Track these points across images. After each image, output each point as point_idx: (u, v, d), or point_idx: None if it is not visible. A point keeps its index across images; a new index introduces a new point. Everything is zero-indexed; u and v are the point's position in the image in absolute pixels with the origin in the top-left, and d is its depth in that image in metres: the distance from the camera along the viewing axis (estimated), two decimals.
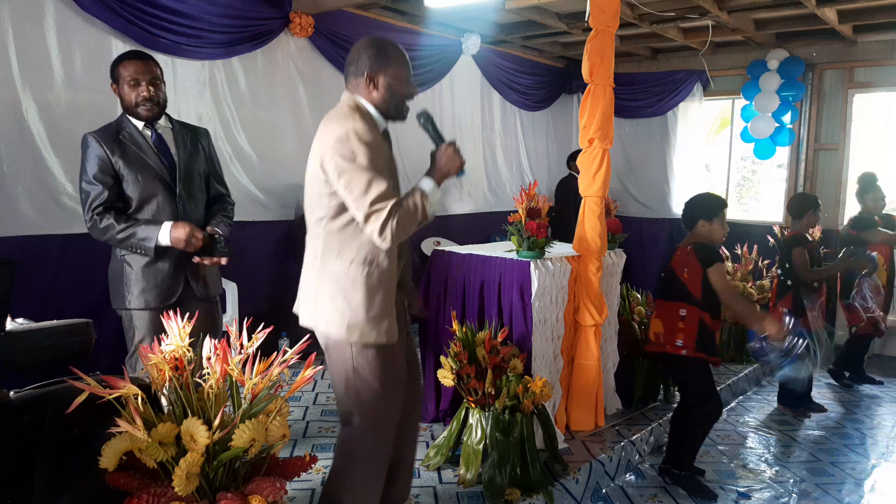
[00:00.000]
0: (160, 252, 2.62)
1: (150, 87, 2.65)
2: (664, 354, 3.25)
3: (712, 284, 3.12)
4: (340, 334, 2.16)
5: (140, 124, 2.71)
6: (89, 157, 2.62)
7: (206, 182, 2.88)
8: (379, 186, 2.05)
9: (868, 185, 4.87)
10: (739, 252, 5.62)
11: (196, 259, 2.67)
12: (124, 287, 2.67)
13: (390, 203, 2.06)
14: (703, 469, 3.50)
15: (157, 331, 2.49)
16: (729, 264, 5.42)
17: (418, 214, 2.13)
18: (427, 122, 2.30)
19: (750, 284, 5.32)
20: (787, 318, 3.14)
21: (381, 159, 2.11)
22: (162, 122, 2.77)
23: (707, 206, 3.24)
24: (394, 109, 2.23)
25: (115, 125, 2.70)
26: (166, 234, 2.57)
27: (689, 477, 3.34)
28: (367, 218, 2.06)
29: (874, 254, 4.51)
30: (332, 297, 2.17)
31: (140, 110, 2.66)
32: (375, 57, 2.17)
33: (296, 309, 2.33)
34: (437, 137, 2.29)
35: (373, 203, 2.05)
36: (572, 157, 6.55)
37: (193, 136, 2.84)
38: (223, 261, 2.69)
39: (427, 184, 2.18)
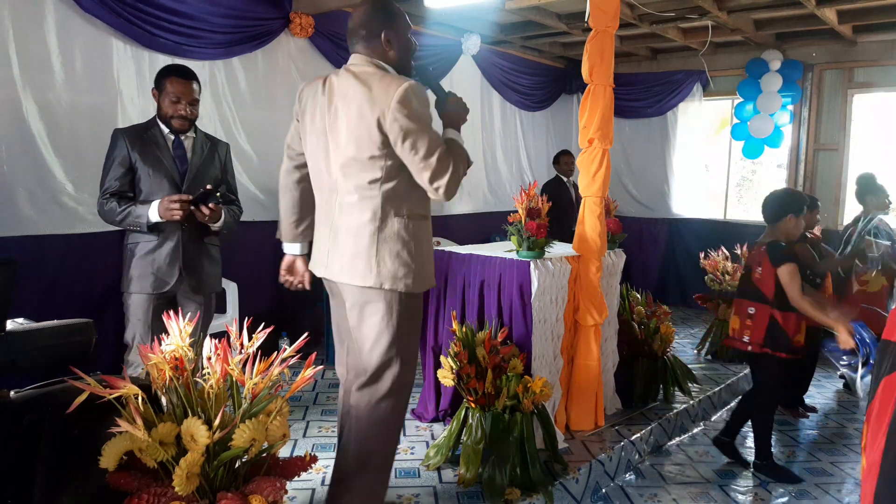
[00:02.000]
0: (159, 239, 2.88)
1: (188, 108, 2.94)
2: (737, 350, 3.47)
3: (781, 284, 3.23)
4: (409, 287, 2.27)
5: (166, 129, 2.99)
6: (113, 150, 2.92)
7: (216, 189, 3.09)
8: (440, 144, 2.20)
9: (866, 188, 4.80)
10: (739, 252, 5.62)
11: (201, 212, 2.84)
12: (126, 272, 2.94)
13: (452, 159, 2.20)
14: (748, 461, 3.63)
15: (148, 317, 2.86)
16: (729, 264, 5.42)
17: (466, 163, 2.29)
18: (428, 75, 2.40)
19: None
20: (858, 332, 3.06)
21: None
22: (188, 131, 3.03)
23: (797, 202, 3.39)
24: (406, 65, 2.34)
25: (144, 125, 3.01)
26: (155, 210, 2.81)
27: (770, 466, 3.48)
28: (435, 174, 2.17)
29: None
30: (396, 254, 2.25)
31: (173, 122, 2.95)
32: (387, 17, 2.28)
33: (331, 274, 2.35)
34: (439, 90, 2.39)
35: (440, 160, 2.17)
36: (555, 159, 6.47)
37: (212, 147, 3.12)
38: (211, 207, 2.85)
39: (455, 134, 2.33)
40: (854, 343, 2.96)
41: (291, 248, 2.60)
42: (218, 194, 2.88)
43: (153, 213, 2.80)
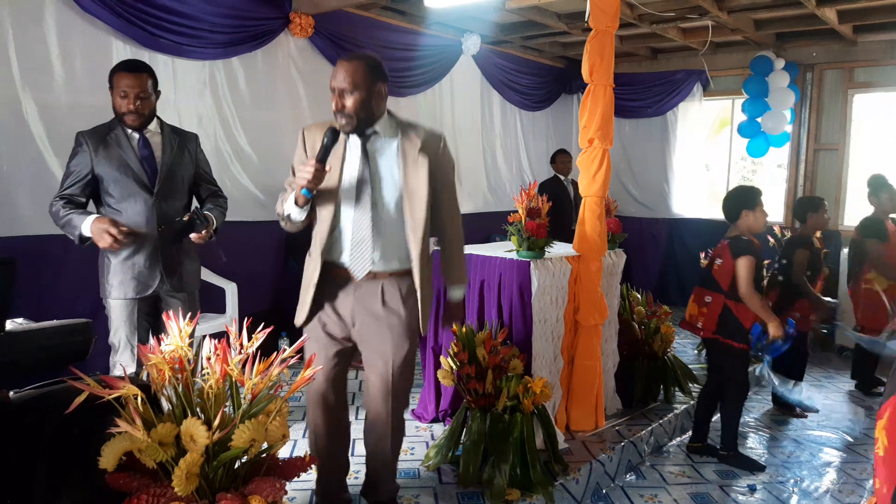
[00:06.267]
0: (136, 244, 2.79)
1: (136, 102, 2.78)
2: (706, 339, 3.61)
3: (736, 274, 3.37)
4: None
5: (129, 128, 2.86)
6: (74, 153, 2.83)
7: (192, 184, 3.01)
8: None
9: (881, 185, 4.83)
10: None
11: (194, 237, 2.81)
12: (105, 278, 2.85)
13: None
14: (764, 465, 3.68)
15: (133, 318, 2.83)
16: None
17: (279, 210, 2.45)
18: (328, 137, 2.32)
19: None
20: (790, 328, 3.52)
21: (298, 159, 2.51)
22: (152, 126, 2.91)
23: (748, 197, 3.49)
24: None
25: (106, 126, 2.87)
26: (88, 225, 2.67)
27: (734, 455, 3.59)
28: None
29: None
30: None
31: (126, 119, 2.81)
32: None
33: None
34: (321, 151, 2.33)
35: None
36: (552, 159, 6.49)
37: (181, 141, 2.96)
38: (203, 234, 2.80)
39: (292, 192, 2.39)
40: (782, 333, 3.41)
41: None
42: (194, 217, 2.78)
43: (86, 227, 2.66)
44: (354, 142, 2.42)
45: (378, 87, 2.36)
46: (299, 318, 2.51)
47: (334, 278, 2.46)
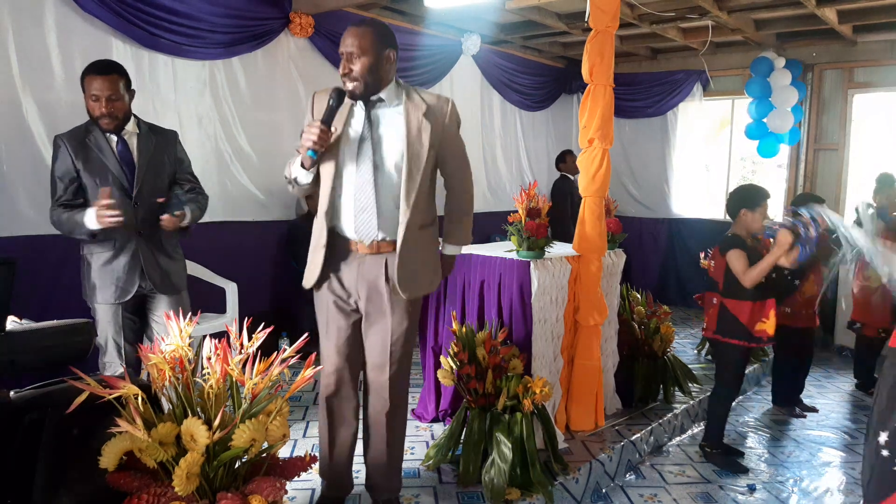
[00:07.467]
0: (115, 249, 2.80)
1: (108, 105, 2.71)
2: (708, 339, 3.65)
3: (731, 268, 3.36)
4: None
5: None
6: (56, 158, 2.79)
7: (173, 184, 2.97)
8: None
9: (882, 185, 4.88)
10: None
11: (165, 219, 2.78)
12: (87, 283, 2.86)
13: None
14: (742, 452, 3.76)
15: (118, 320, 2.81)
16: None
17: (287, 173, 2.47)
18: (334, 98, 2.34)
19: None
20: (799, 246, 3.30)
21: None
22: (129, 127, 2.85)
23: (749, 197, 3.47)
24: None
25: (84, 128, 2.82)
26: (92, 217, 2.65)
27: (719, 454, 3.61)
28: None
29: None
30: None
31: (100, 123, 2.76)
32: None
33: None
34: (326, 112, 2.35)
35: None
36: (561, 159, 6.54)
37: (160, 141, 2.92)
38: (172, 217, 2.77)
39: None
40: (791, 237, 3.23)
41: None
42: (172, 201, 2.79)
43: (90, 220, 2.65)
44: (359, 108, 2.42)
45: (386, 52, 2.36)
46: (308, 281, 2.52)
47: (341, 250, 2.47)
